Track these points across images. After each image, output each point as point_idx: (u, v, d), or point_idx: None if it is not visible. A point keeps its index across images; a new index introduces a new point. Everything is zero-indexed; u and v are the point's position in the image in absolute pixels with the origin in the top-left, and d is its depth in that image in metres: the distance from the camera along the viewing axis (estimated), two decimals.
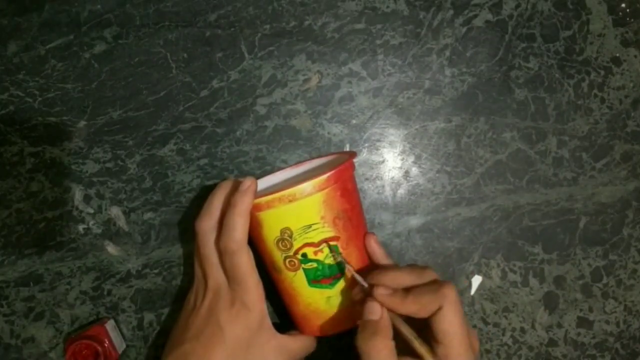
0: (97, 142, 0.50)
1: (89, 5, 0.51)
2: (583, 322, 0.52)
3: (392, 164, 0.52)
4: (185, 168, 0.51)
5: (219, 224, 0.42)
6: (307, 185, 0.39)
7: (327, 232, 0.40)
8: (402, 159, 0.52)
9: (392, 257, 0.51)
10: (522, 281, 0.52)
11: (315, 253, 0.40)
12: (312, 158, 0.49)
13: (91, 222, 0.50)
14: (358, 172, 0.51)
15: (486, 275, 0.52)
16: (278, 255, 0.41)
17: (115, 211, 0.50)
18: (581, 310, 0.52)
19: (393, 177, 0.52)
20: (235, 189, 0.41)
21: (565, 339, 0.52)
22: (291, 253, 0.40)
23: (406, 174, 0.52)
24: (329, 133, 0.51)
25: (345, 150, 0.51)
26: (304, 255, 0.40)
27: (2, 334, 0.50)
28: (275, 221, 0.40)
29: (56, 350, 0.50)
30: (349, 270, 0.40)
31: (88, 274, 0.50)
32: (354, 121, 0.52)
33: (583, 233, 0.52)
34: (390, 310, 0.38)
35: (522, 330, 0.52)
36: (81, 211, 0.50)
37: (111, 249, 0.50)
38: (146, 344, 0.50)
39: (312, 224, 0.40)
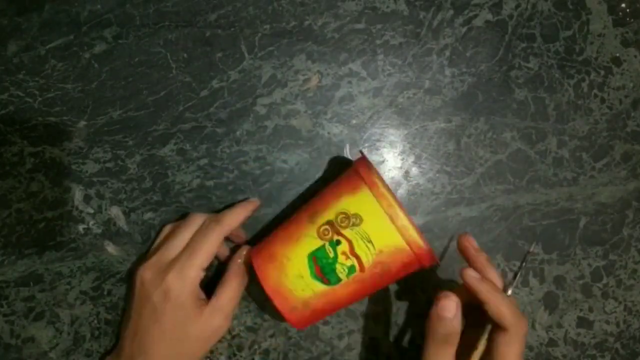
0: (97, 142, 0.50)
1: (89, 5, 0.51)
2: (583, 322, 0.52)
3: (392, 164, 0.52)
4: (185, 168, 0.51)
5: None
6: (408, 221, 0.39)
7: (371, 254, 0.40)
8: (402, 159, 0.52)
9: None
10: (522, 281, 0.52)
11: (344, 253, 0.40)
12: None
13: (91, 222, 0.50)
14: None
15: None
16: (324, 218, 0.41)
17: (115, 211, 0.50)
18: (581, 310, 0.52)
19: (393, 177, 0.52)
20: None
21: (565, 339, 0.52)
22: (335, 231, 0.40)
23: (406, 174, 0.52)
24: (329, 133, 0.51)
25: (346, 151, 0.51)
26: (338, 242, 0.40)
27: (2, 334, 0.50)
28: (361, 201, 0.40)
29: (56, 351, 0.50)
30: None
31: (88, 274, 0.50)
32: (354, 121, 0.52)
33: (583, 233, 0.52)
34: (471, 291, 0.39)
35: None
36: (81, 211, 0.50)
37: (111, 249, 0.50)
38: None
39: (373, 240, 0.40)
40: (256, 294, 0.50)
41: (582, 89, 0.53)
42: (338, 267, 0.40)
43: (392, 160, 0.52)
